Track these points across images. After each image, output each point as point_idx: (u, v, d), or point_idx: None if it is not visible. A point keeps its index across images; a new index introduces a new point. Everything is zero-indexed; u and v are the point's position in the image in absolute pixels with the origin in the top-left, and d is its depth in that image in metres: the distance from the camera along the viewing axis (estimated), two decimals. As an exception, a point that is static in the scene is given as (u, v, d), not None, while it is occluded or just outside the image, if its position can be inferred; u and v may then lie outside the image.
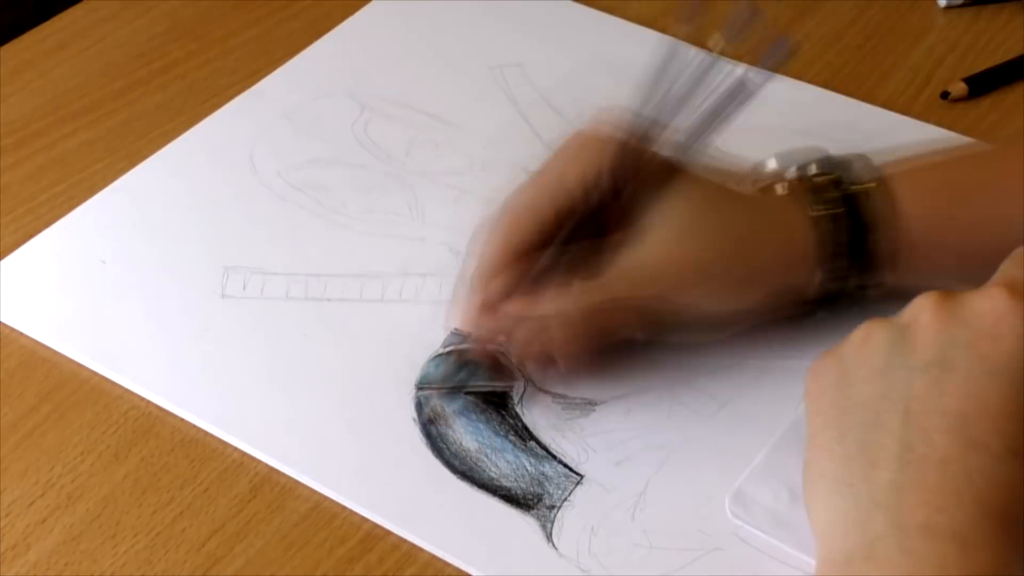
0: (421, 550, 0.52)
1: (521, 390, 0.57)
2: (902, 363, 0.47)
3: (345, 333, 0.60)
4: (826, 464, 0.47)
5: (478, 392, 0.57)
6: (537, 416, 0.56)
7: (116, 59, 0.78)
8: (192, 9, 0.81)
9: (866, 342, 0.49)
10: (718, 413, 0.56)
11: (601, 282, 0.54)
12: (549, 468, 0.54)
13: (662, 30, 0.76)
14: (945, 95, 0.72)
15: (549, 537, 0.52)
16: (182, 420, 0.57)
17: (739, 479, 0.53)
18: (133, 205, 0.67)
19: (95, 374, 0.59)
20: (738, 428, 0.56)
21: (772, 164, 0.59)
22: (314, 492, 0.54)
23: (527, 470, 0.54)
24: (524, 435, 0.56)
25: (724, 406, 0.56)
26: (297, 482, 0.54)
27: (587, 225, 0.55)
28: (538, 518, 0.52)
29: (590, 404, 0.57)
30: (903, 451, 0.45)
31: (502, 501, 0.53)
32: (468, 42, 0.77)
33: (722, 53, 0.54)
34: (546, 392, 0.57)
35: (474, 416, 0.57)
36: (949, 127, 0.71)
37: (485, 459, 0.55)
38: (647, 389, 0.57)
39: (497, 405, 0.57)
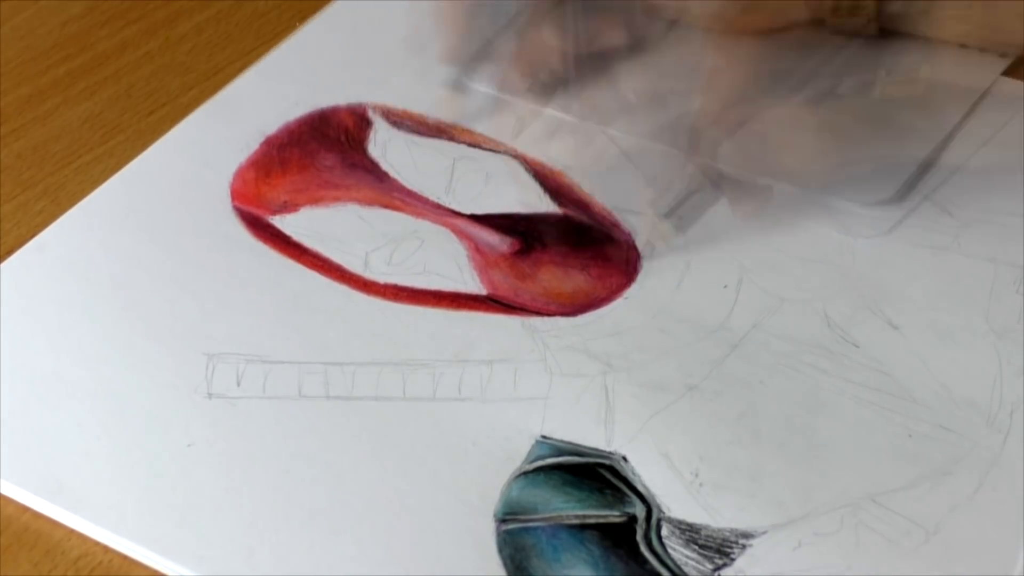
0: None
1: (649, 518, 0.50)
2: None
3: (385, 444, 0.52)
4: None
5: (588, 524, 0.50)
6: (676, 553, 0.48)
7: (20, 55, 0.71)
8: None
9: None
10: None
11: None
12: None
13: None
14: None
15: None
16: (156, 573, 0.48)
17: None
18: (61, 275, 0.59)
19: (27, 510, 0.50)
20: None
21: None
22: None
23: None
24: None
25: None
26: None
27: None
28: None
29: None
30: None
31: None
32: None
33: None
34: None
35: (584, 558, 0.49)
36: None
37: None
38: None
39: (617, 542, 0.49)
